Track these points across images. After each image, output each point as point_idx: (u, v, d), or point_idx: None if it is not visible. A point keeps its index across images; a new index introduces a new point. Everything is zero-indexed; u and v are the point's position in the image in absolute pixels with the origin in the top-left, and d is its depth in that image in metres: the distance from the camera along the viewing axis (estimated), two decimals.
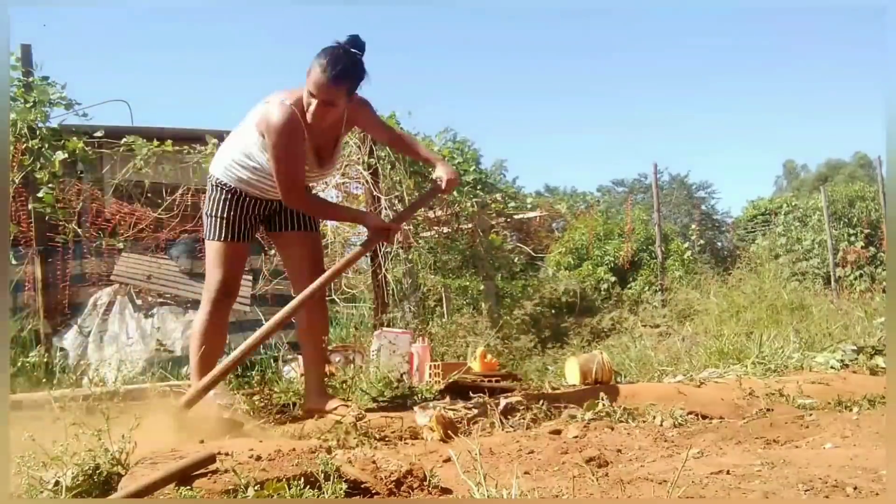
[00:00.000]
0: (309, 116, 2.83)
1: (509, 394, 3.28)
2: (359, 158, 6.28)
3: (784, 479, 1.58)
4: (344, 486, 1.56)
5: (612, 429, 2.52)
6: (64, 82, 5.19)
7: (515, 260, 9.60)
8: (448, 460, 1.96)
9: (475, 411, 2.82)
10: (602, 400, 2.95)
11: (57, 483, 1.64)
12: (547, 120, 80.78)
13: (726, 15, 75.85)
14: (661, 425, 2.65)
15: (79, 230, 5.45)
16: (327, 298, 6.17)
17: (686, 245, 11.63)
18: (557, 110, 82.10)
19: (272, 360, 4.93)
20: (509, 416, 2.80)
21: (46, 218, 5.12)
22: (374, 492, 1.63)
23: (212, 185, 3.06)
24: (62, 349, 5.07)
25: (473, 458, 1.66)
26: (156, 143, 5.63)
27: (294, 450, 1.71)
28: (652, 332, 7.01)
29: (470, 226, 8.11)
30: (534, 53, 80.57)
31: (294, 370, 4.55)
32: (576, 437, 2.37)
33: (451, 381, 3.65)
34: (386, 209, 6.30)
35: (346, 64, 2.76)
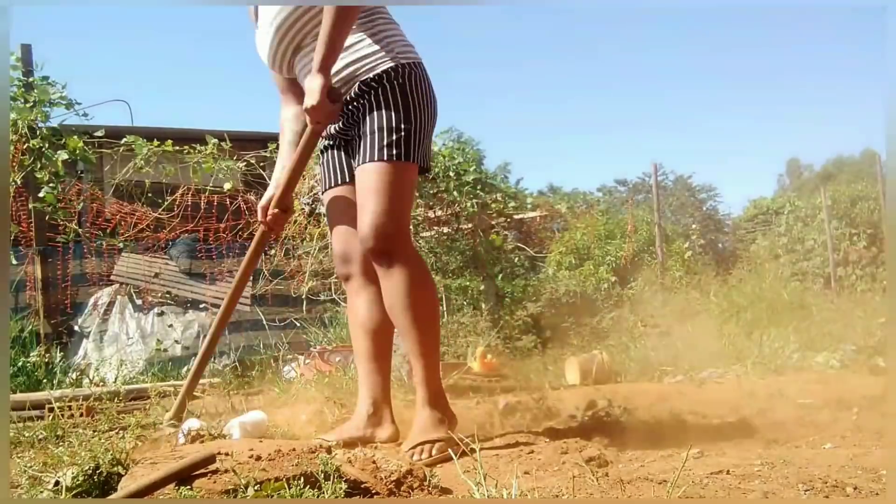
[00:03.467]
0: None
1: (509, 394, 3.28)
2: None
3: (784, 479, 1.58)
4: (344, 486, 1.55)
5: (613, 429, 2.52)
6: (64, 82, 5.18)
7: (516, 260, 9.57)
8: (448, 460, 1.96)
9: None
10: (602, 399, 2.95)
11: (57, 483, 1.64)
12: (551, 121, 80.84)
13: (726, 15, 75.91)
14: (659, 425, 2.65)
15: (79, 230, 5.45)
16: (328, 297, 6.17)
17: (687, 245, 11.60)
18: (561, 111, 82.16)
19: (272, 360, 4.92)
20: (509, 416, 2.80)
21: (46, 218, 5.12)
22: (374, 492, 1.63)
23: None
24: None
25: (473, 458, 1.66)
26: (156, 143, 5.63)
27: (294, 450, 1.70)
28: (652, 332, 7.00)
29: (470, 226, 8.09)
30: (539, 54, 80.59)
31: (294, 370, 4.54)
32: (576, 437, 2.37)
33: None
34: None
35: None
